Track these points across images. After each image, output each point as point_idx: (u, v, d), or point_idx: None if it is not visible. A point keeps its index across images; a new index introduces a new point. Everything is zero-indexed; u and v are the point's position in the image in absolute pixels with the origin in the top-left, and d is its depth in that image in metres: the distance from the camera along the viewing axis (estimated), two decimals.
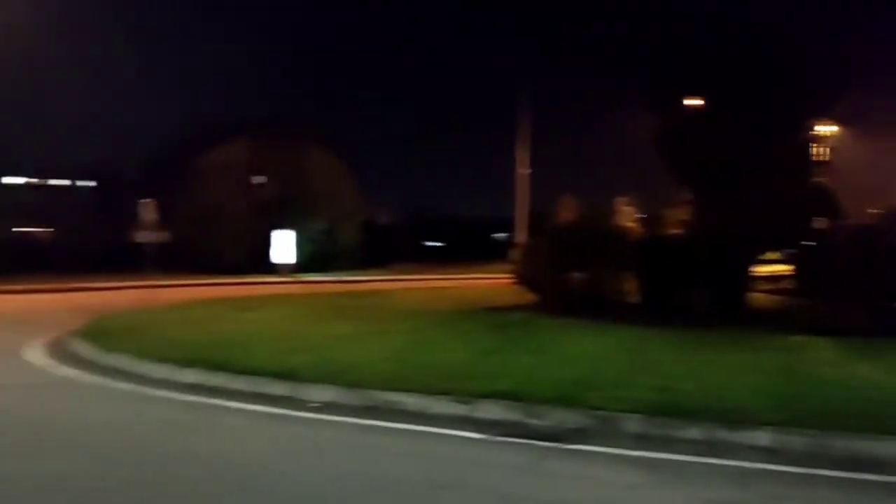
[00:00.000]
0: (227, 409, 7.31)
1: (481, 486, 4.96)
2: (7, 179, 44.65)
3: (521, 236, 32.48)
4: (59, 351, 11.26)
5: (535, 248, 17.84)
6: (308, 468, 5.35)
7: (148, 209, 20.57)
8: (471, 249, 49.71)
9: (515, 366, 8.58)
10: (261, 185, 40.66)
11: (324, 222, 38.72)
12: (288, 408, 7.17)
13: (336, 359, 8.95)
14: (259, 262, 34.91)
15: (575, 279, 15.37)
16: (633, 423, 6.32)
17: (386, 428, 6.48)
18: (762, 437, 5.93)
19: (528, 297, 16.48)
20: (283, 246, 36.76)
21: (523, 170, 34.93)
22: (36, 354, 11.02)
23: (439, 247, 57.69)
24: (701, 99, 15.84)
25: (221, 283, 30.02)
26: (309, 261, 36.40)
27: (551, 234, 17.04)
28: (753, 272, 15.60)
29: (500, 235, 48.51)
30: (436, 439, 6.16)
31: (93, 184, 46.51)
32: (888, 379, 7.94)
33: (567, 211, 17.52)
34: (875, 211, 16.51)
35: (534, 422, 6.52)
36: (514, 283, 17.42)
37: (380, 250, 44.04)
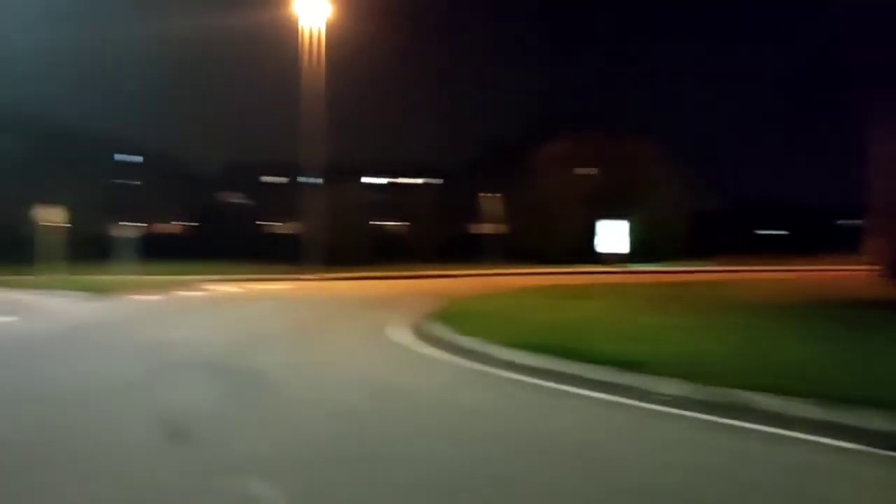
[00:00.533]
0: (574, 394, 7.55)
1: None
2: (366, 179, 51.33)
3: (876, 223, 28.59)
4: (418, 331, 12.63)
5: None
6: (662, 464, 5.28)
7: (489, 203, 22.14)
8: (810, 238, 45.19)
9: (892, 370, 7.62)
10: (587, 178, 41.29)
11: (649, 212, 38.06)
12: (633, 398, 7.17)
13: (676, 350, 8.76)
14: (585, 252, 35.57)
15: None
16: None
17: (739, 428, 6.13)
18: None
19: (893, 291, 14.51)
20: (610, 236, 36.93)
21: (884, 147, 30.64)
22: (398, 333, 12.51)
23: (773, 236, 53.32)
24: None
25: (551, 273, 31.15)
26: (634, 251, 36.13)
27: None
28: None
29: (849, 223, 43.25)
30: (797, 445, 5.70)
31: (438, 181, 51.32)
32: None
33: None
34: None
35: None
36: (881, 275, 15.42)
37: (708, 240, 42.06)
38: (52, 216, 25.47)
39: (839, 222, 48.32)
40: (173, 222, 60.07)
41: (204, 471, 5.05)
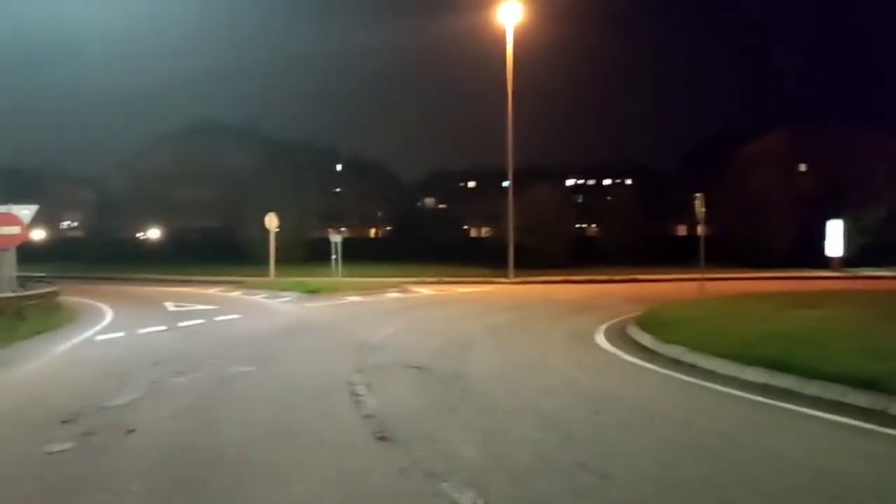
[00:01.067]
0: (798, 414, 6.87)
1: None
2: (564, 182, 51.14)
3: None
4: (620, 337, 12.39)
5: None
6: None
7: (693, 203, 21.08)
8: None
9: None
10: (804, 174, 38.03)
11: (880, 210, 34.17)
12: (872, 422, 6.39)
13: None
14: (804, 254, 32.71)
15: None
16: None
17: None
18: None
19: None
20: (832, 237, 33.64)
21: None
22: (599, 339, 12.31)
23: None
24: None
25: (764, 277, 29.05)
26: (861, 254, 32.65)
27: None
28: None
29: None
30: None
31: (637, 182, 49.92)
32: None
33: None
34: None
35: None
36: None
37: None
38: (272, 222, 27.79)
39: None
40: (377, 227, 63.64)
41: (408, 473, 5.18)
